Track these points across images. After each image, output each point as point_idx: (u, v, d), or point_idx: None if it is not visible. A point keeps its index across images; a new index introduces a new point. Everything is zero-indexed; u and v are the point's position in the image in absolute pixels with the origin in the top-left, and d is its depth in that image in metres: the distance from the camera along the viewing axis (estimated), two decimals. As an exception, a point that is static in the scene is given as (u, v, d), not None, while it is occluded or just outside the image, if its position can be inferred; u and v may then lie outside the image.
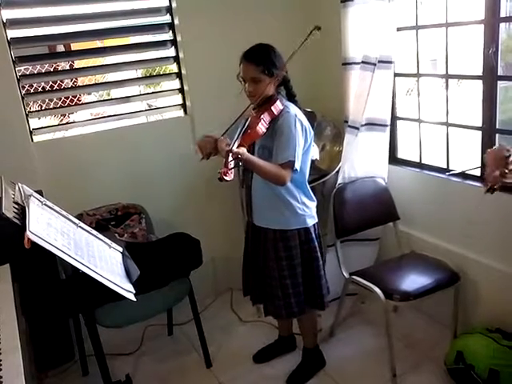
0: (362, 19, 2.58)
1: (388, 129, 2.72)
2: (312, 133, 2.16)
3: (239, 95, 2.12)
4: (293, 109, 2.10)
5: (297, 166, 2.02)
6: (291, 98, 2.18)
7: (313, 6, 3.07)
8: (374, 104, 2.65)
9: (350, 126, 2.72)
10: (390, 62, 2.58)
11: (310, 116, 2.52)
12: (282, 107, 2.08)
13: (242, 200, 2.41)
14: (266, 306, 2.37)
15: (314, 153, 2.24)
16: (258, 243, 2.30)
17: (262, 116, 2.02)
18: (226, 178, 1.80)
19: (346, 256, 2.64)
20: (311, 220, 2.24)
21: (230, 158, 1.83)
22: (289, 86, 2.18)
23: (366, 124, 2.70)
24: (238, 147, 1.90)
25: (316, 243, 2.26)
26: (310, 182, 2.26)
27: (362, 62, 2.60)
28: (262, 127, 2.00)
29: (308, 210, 2.21)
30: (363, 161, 2.75)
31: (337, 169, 2.77)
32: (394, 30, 2.55)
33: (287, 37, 2.42)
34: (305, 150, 2.10)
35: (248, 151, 1.96)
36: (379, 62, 2.57)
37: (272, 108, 2.05)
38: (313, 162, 2.28)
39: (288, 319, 2.52)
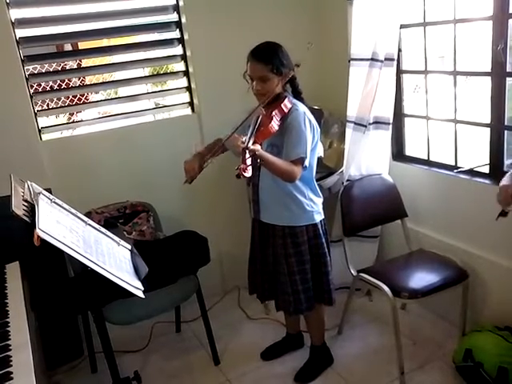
0: (368, 15, 2.56)
1: (390, 127, 2.71)
2: (319, 130, 2.17)
3: (246, 93, 2.12)
4: (301, 107, 2.12)
5: (307, 162, 2.05)
6: (297, 95, 2.18)
7: (319, 3, 3.06)
8: (379, 102, 2.64)
9: (355, 124, 2.70)
10: (393, 60, 2.57)
11: (318, 113, 2.51)
12: (290, 105, 2.09)
13: (248, 198, 2.43)
14: (277, 302, 2.38)
15: (320, 150, 2.24)
16: (265, 240, 2.31)
17: (273, 114, 2.02)
18: (245, 174, 1.81)
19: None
20: (318, 216, 2.25)
21: (248, 155, 1.84)
22: (295, 84, 2.18)
23: (374, 122, 2.69)
24: (252, 144, 1.91)
25: (323, 239, 2.27)
26: (317, 180, 2.26)
27: (371, 59, 2.58)
28: (274, 125, 2.01)
29: (315, 206, 2.23)
30: (368, 158, 2.75)
31: (344, 166, 2.76)
32: (398, 27, 2.54)
33: (294, 34, 2.43)
34: (312, 147, 2.11)
35: None
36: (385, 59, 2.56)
37: (282, 106, 2.05)
38: (319, 159, 2.28)
39: (296, 315, 2.52)
